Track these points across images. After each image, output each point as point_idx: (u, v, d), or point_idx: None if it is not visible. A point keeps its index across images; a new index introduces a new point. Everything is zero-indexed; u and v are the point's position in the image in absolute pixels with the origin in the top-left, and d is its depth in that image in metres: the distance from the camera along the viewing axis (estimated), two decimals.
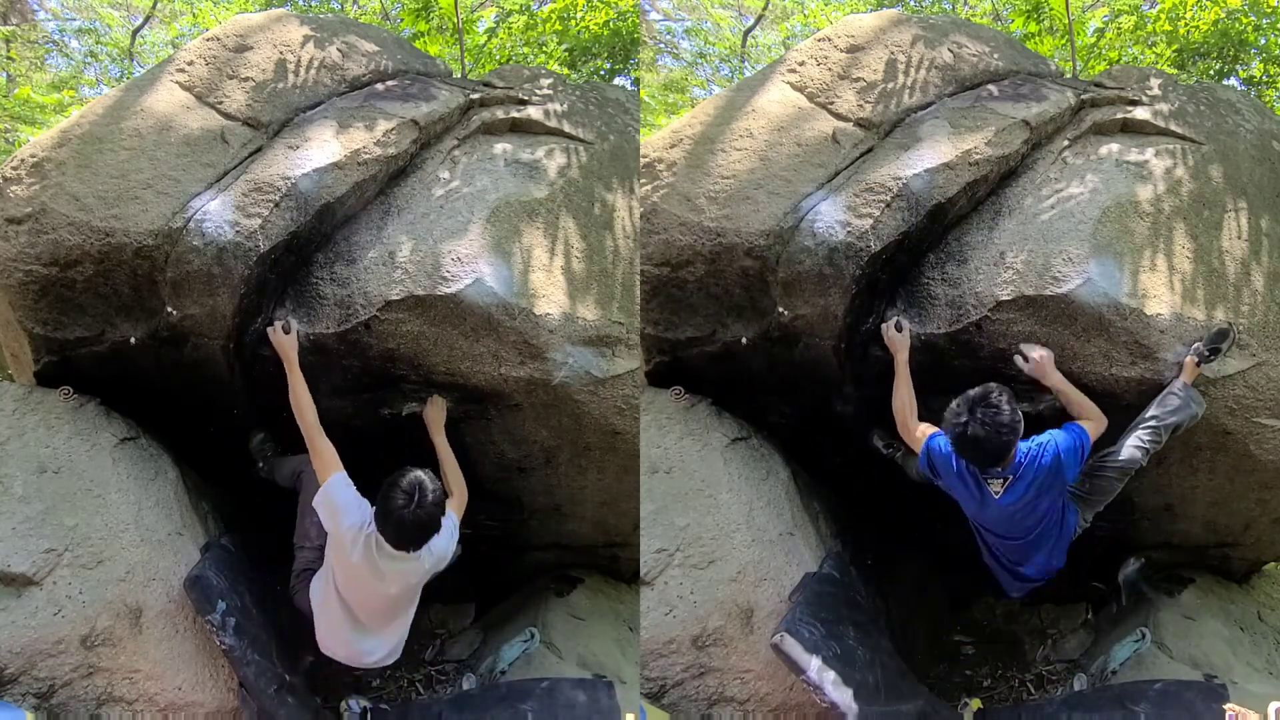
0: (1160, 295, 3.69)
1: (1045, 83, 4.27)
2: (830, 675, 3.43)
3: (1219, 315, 3.71)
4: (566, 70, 7.13)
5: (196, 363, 3.89)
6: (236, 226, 3.72)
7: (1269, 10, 6.97)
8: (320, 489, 3.61)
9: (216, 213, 3.74)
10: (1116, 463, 3.61)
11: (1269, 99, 7.08)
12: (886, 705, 3.51)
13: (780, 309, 3.92)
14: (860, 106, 4.13)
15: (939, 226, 3.90)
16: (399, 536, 3.50)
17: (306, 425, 3.64)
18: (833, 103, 4.17)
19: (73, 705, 3.47)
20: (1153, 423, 3.60)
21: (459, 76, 4.79)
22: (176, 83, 4.15)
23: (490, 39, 7.59)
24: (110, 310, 3.85)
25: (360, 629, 3.74)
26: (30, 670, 3.46)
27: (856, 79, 4.21)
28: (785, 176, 3.97)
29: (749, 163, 4.03)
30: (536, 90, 4.50)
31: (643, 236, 4.09)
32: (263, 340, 3.81)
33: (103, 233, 3.72)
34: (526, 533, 4.43)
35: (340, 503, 3.58)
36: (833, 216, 3.84)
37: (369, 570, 3.58)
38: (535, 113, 4.36)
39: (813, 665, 3.43)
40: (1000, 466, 3.52)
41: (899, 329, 3.81)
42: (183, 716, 3.58)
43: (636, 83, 7.91)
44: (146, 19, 10.89)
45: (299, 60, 4.28)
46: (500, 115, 4.32)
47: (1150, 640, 3.94)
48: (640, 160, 4.25)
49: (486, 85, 4.52)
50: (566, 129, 4.34)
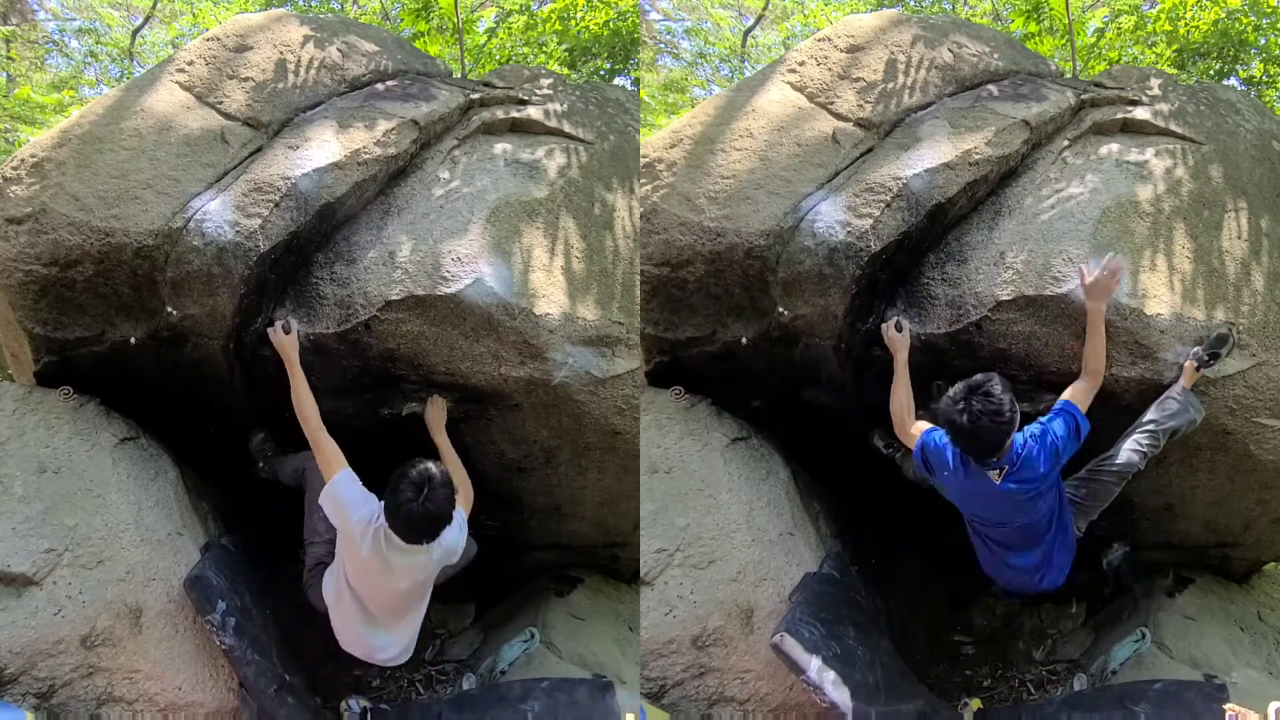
0: (1160, 295, 3.69)
1: (1045, 83, 4.27)
2: (830, 675, 3.43)
3: (1219, 315, 3.71)
4: (566, 70, 7.13)
5: (196, 363, 3.89)
6: (236, 226, 3.72)
7: (1269, 10, 6.96)
8: (325, 486, 3.59)
9: (216, 213, 3.74)
10: (1114, 467, 3.61)
11: (1269, 99, 7.08)
12: (886, 705, 3.51)
13: (780, 309, 3.92)
14: (860, 106, 4.13)
15: (939, 226, 3.90)
16: (408, 530, 3.45)
17: (309, 424, 3.63)
18: (833, 103, 4.17)
19: (73, 705, 3.47)
20: (1151, 427, 3.59)
21: (459, 76, 4.79)
22: (176, 83, 4.15)
23: (490, 39, 7.59)
24: (110, 310, 3.85)
25: (373, 623, 3.71)
26: (30, 670, 3.46)
27: (856, 79, 4.21)
28: (785, 176, 3.97)
29: (749, 163, 4.03)
30: (536, 90, 4.51)
31: (643, 236, 4.09)
32: (263, 340, 3.81)
33: (103, 233, 3.72)
34: (526, 533, 4.43)
35: (346, 499, 3.56)
36: (833, 216, 3.84)
37: (379, 564, 3.55)
38: (535, 113, 4.36)
39: (813, 665, 3.43)
40: (996, 457, 3.46)
41: (899, 329, 3.81)
42: (183, 716, 3.58)
43: (636, 83, 7.90)
44: (146, 19, 10.88)
45: (299, 60, 4.28)
46: (500, 115, 4.33)
47: (1150, 640, 3.94)
48: (640, 160, 4.25)
49: (486, 85, 4.52)
50: (566, 129, 4.34)
